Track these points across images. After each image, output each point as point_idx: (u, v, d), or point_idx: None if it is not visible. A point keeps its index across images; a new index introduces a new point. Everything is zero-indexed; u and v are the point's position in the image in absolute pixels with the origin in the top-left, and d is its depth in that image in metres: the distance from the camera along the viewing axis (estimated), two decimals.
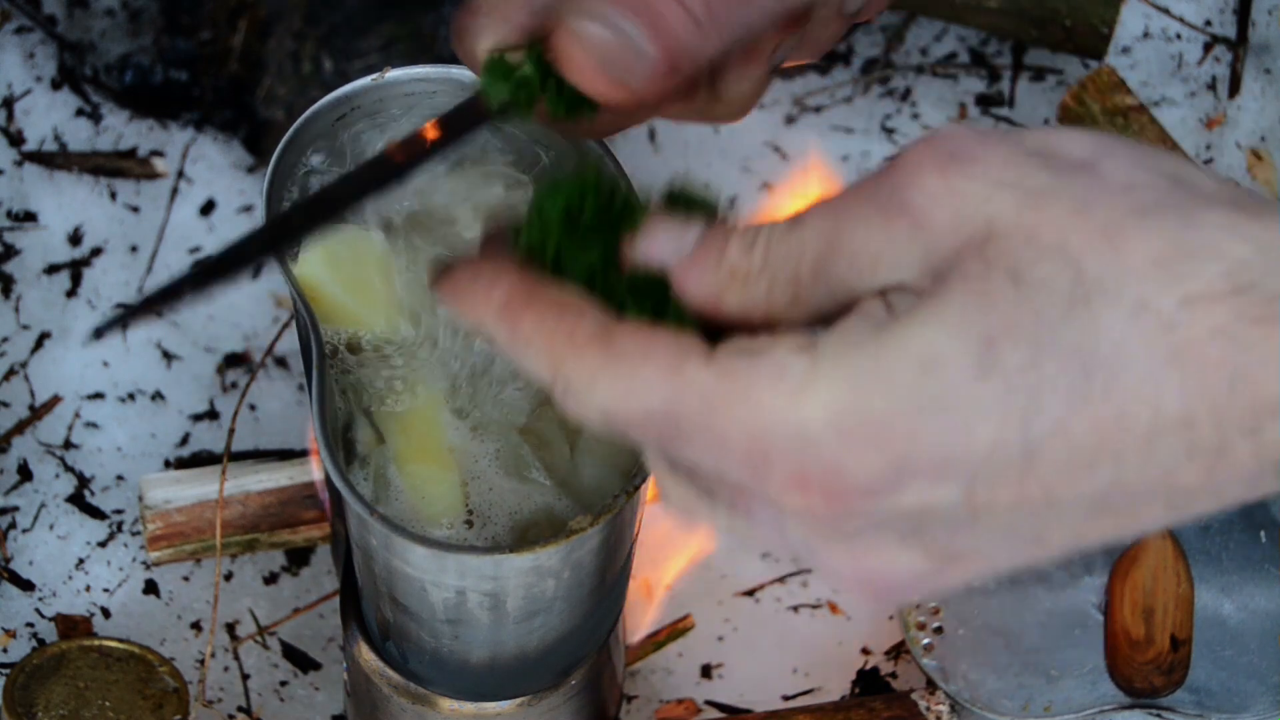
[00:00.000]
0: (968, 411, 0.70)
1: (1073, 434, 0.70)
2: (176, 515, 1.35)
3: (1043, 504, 0.72)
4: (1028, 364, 0.70)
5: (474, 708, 1.16)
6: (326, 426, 1.00)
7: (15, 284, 1.47)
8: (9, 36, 1.54)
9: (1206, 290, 0.69)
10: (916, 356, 0.71)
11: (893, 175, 0.73)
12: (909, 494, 0.72)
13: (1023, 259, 0.70)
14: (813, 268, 0.74)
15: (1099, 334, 0.70)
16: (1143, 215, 0.70)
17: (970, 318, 0.70)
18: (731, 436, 0.73)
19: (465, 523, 1.04)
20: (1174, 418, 0.70)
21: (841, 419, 0.71)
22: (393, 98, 1.05)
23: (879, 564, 0.75)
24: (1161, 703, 1.30)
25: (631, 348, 0.75)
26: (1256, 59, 1.54)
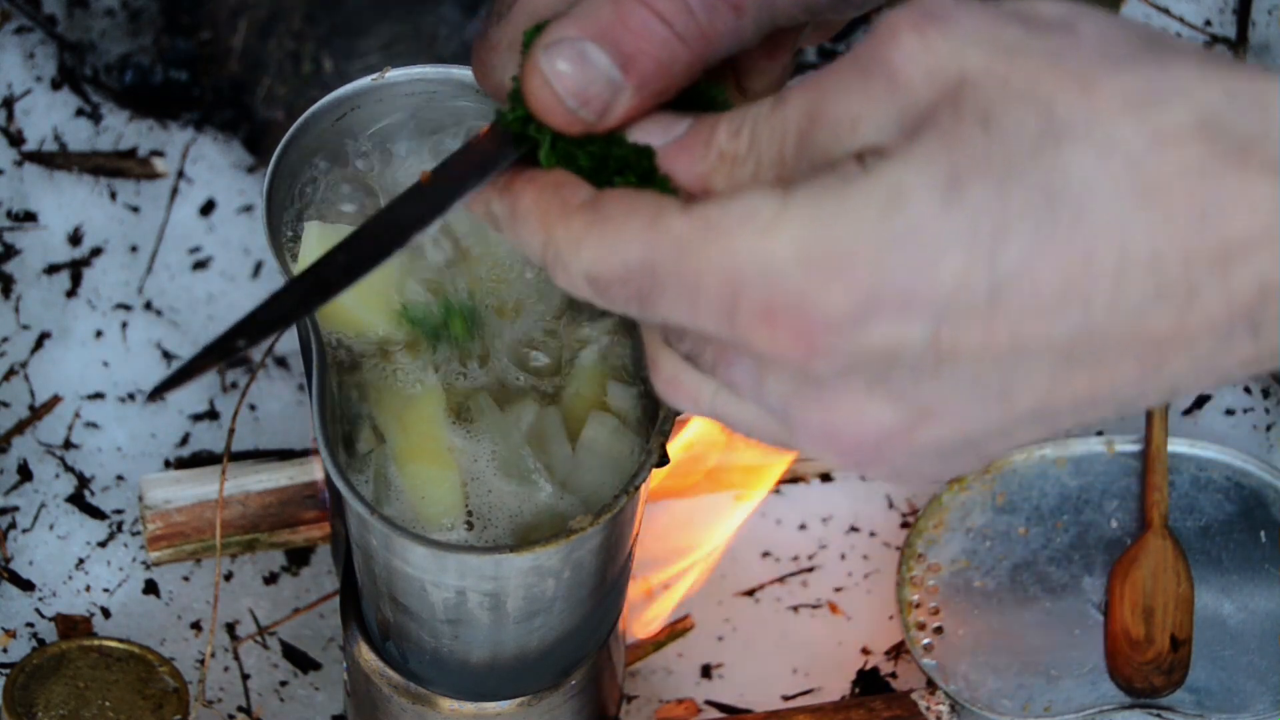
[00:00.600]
0: (933, 243, 0.71)
1: (1039, 272, 0.70)
2: (176, 515, 1.35)
3: (1009, 351, 0.72)
4: (993, 198, 0.70)
5: (474, 708, 1.16)
6: (326, 426, 1.00)
7: (15, 284, 1.47)
8: (9, 36, 1.54)
9: (1176, 129, 0.70)
10: (883, 192, 0.71)
11: (871, 39, 0.74)
12: (875, 330, 0.72)
13: (993, 102, 0.71)
14: (796, 142, 0.75)
15: (1067, 171, 0.70)
16: (1115, 63, 0.71)
17: (936, 156, 0.71)
18: (703, 277, 0.74)
19: (465, 523, 1.04)
20: (1142, 256, 0.70)
21: (808, 252, 0.72)
22: (393, 98, 1.05)
23: (850, 415, 0.75)
24: (1161, 703, 1.30)
25: (615, 209, 0.77)
26: (1256, 59, 1.54)
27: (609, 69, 0.80)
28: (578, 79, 0.80)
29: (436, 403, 1.05)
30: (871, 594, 1.39)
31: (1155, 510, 1.36)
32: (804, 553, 1.41)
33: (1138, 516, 1.37)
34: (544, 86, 0.80)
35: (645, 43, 0.80)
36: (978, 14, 0.73)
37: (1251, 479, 1.38)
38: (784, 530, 1.42)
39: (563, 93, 0.80)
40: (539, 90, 0.80)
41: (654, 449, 1.01)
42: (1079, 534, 1.37)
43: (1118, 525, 1.38)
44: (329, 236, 1.03)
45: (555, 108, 0.80)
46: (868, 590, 1.39)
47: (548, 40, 0.80)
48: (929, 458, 0.77)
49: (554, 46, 0.80)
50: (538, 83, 0.80)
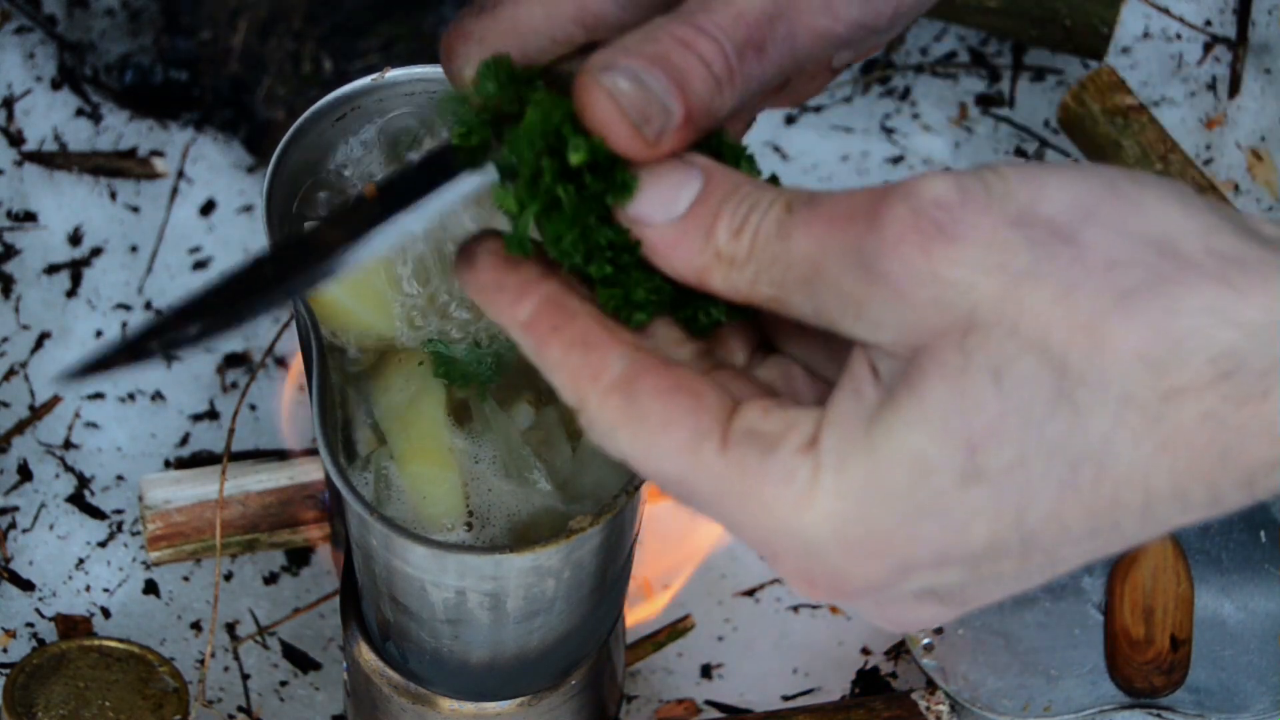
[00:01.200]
0: (959, 517, 0.72)
1: (1067, 521, 0.72)
2: (176, 515, 1.35)
3: (1048, 564, 0.74)
4: (1014, 464, 0.71)
5: (474, 708, 1.16)
6: (326, 426, 1.00)
7: (15, 284, 1.47)
8: (9, 36, 1.54)
9: (1193, 381, 0.70)
10: (905, 465, 0.72)
11: (877, 234, 0.73)
12: (914, 582, 0.75)
13: (1004, 355, 0.71)
14: (799, 284, 0.75)
15: (1085, 431, 0.70)
16: (1126, 303, 0.70)
17: (951, 421, 0.71)
18: (743, 525, 0.76)
19: (465, 523, 1.04)
20: (1166, 493, 0.71)
21: (842, 531, 0.74)
22: (393, 98, 1.05)
23: (900, 614, 0.78)
24: (1161, 703, 1.30)
25: (652, 412, 0.76)
26: (1256, 59, 1.54)
27: (665, 94, 0.78)
28: (638, 98, 0.78)
29: (437, 403, 1.05)
30: None
31: None
32: None
33: None
34: (607, 100, 0.78)
35: (691, 79, 0.79)
36: (986, 233, 0.72)
37: None
38: None
39: (627, 108, 0.78)
40: (602, 104, 0.78)
41: None
42: None
43: None
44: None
45: (618, 121, 0.78)
46: None
47: (602, 64, 0.79)
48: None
49: (611, 69, 0.78)
50: (599, 97, 0.78)
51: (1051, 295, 0.71)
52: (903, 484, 0.72)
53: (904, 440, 0.72)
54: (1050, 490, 0.71)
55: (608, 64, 0.79)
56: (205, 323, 0.80)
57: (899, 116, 1.56)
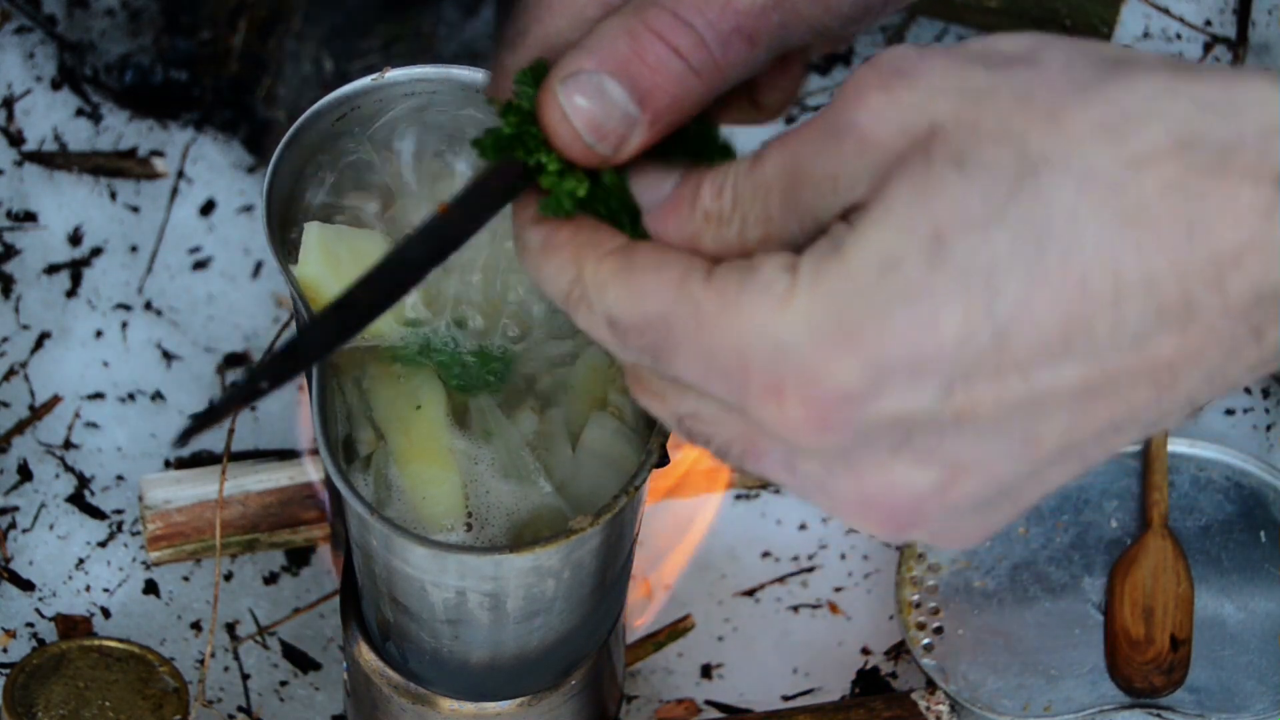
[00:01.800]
0: (929, 304, 0.71)
1: (1038, 309, 0.71)
2: (176, 515, 1.35)
3: (1026, 396, 0.72)
4: (979, 246, 0.71)
5: (474, 708, 1.16)
6: (326, 426, 1.00)
7: (15, 284, 1.47)
8: (9, 36, 1.54)
9: (1152, 149, 0.70)
10: (874, 259, 0.72)
11: (839, 100, 0.75)
12: (887, 398, 0.73)
13: (966, 145, 0.71)
14: (780, 201, 0.76)
15: (1049, 205, 0.70)
16: (1083, 90, 0.71)
17: (915, 210, 0.72)
18: (716, 347, 0.75)
19: (465, 524, 1.04)
20: (1136, 278, 0.70)
21: (815, 327, 0.73)
22: (393, 98, 1.05)
23: (881, 482, 0.76)
24: (1161, 703, 1.30)
25: (646, 260, 0.78)
26: (1256, 59, 1.54)
27: (625, 103, 0.80)
28: (594, 113, 0.81)
29: (437, 403, 1.05)
30: (871, 594, 1.39)
31: (1155, 510, 1.36)
32: (804, 553, 1.41)
33: (1138, 516, 1.37)
34: (562, 121, 0.81)
35: (661, 77, 0.81)
36: (941, 63, 0.74)
37: (1251, 479, 1.38)
38: (784, 530, 1.42)
39: (580, 127, 0.81)
40: (557, 124, 0.81)
41: (654, 449, 1.01)
42: (1079, 534, 1.37)
43: (1118, 525, 1.38)
44: (329, 236, 1.03)
45: (573, 142, 0.81)
46: (868, 590, 1.39)
47: (565, 72, 0.81)
48: (966, 514, 0.77)
49: (571, 80, 0.81)
50: (555, 116, 0.81)
51: (1010, 98, 0.72)
52: (873, 278, 0.72)
53: (872, 239, 0.72)
54: (1018, 271, 0.71)
55: (569, 72, 0.81)
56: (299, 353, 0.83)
57: None
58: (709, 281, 0.76)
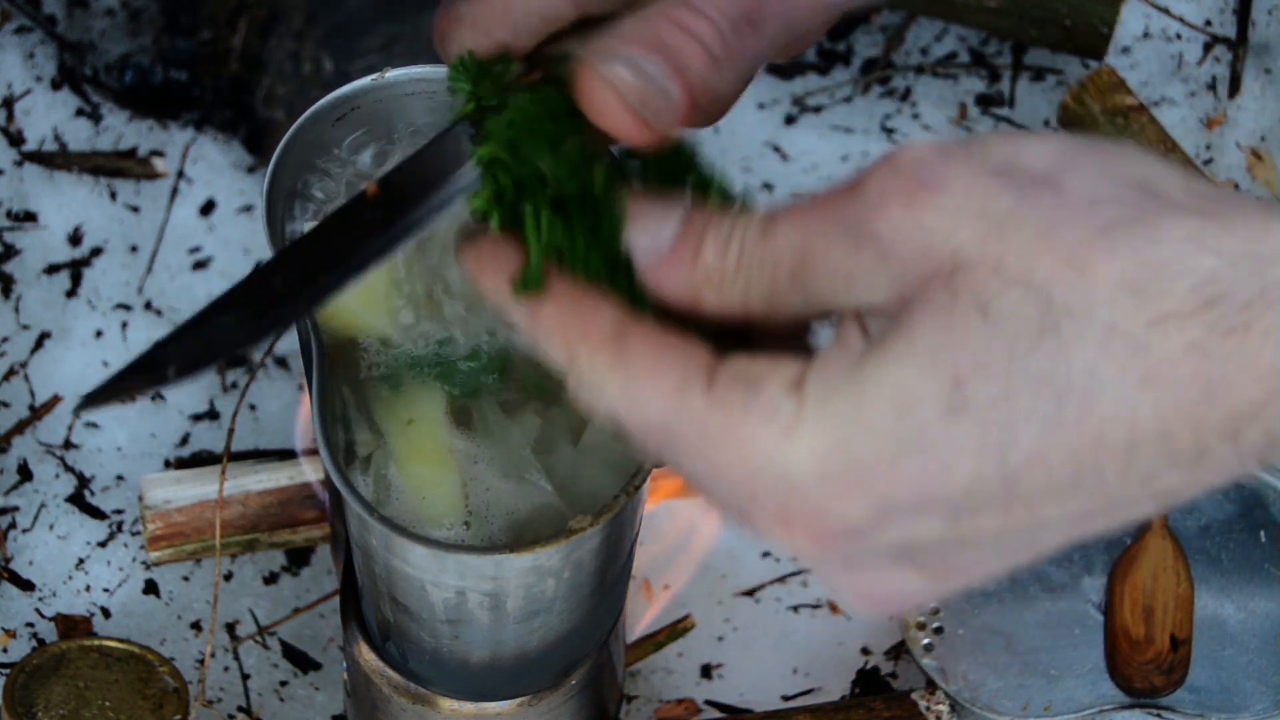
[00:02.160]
0: (943, 452, 0.72)
1: (1050, 461, 0.71)
2: (176, 515, 1.35)
3: (1029, 523, 0.73)
4: (999, 398, 0.71)
5: (474, 708, 1.16)
6: (326, 427, 1.00)
7: (15, 284, 1.47)
8: (9, 36, 1.54)
9: (1176, 308, 0.70)
10: (890, 399, 0.72)
11: (860, 200, 0.74)
12: (893, 531, 0.74)
13: (989, 290, 0.71)
14: (789, 278, 0.76)
15: (1070, 362, 0.70)
16: (1108, 235, 0.71)
17: (939, 355, 0.71)
18: (723, 468, 0.75)
19: (464, 523, 1.04)
20: (1151, 433, 0.71)
21: (824, 465, 0.73)
22: (393, 98, 1.05)
23: (878, 585, 0.77)
24: (1161, 703, 1.30)
25: (641, 358, 0.77)
26: (1256, 59, 1.54)
27: (664, 79, 0.80)
28: (634, 85, 0.80)
29: (436, 403, 1.04)
30: None
31: None
32: None
33: None
34: (608, 90, 0.80)
35: (689, 59, 0.81)
36: (966, 181, 0.73)
37: (1251, 479, 1.38)
38: None
39: (628, 95, 0.80)
40: (603, 95, 0.80)
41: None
42: None
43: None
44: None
45: (620, 112, 0.80)
46: None
47: (601, 53, 0.80)
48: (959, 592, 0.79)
49: (610, 58, 0.80)
50: (600, 87, 0.80)
51: (1034, 233, 0.71)
52: (887, 418, 0.72)
53: (890, 375, 0.72)
54: (1035, 424, 0.71)
55: (607, 53, 0.80)
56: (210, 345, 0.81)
57: (899, 117, 1.56)
58: (710, 394, 0.75)
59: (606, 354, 0.78)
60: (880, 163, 0.74)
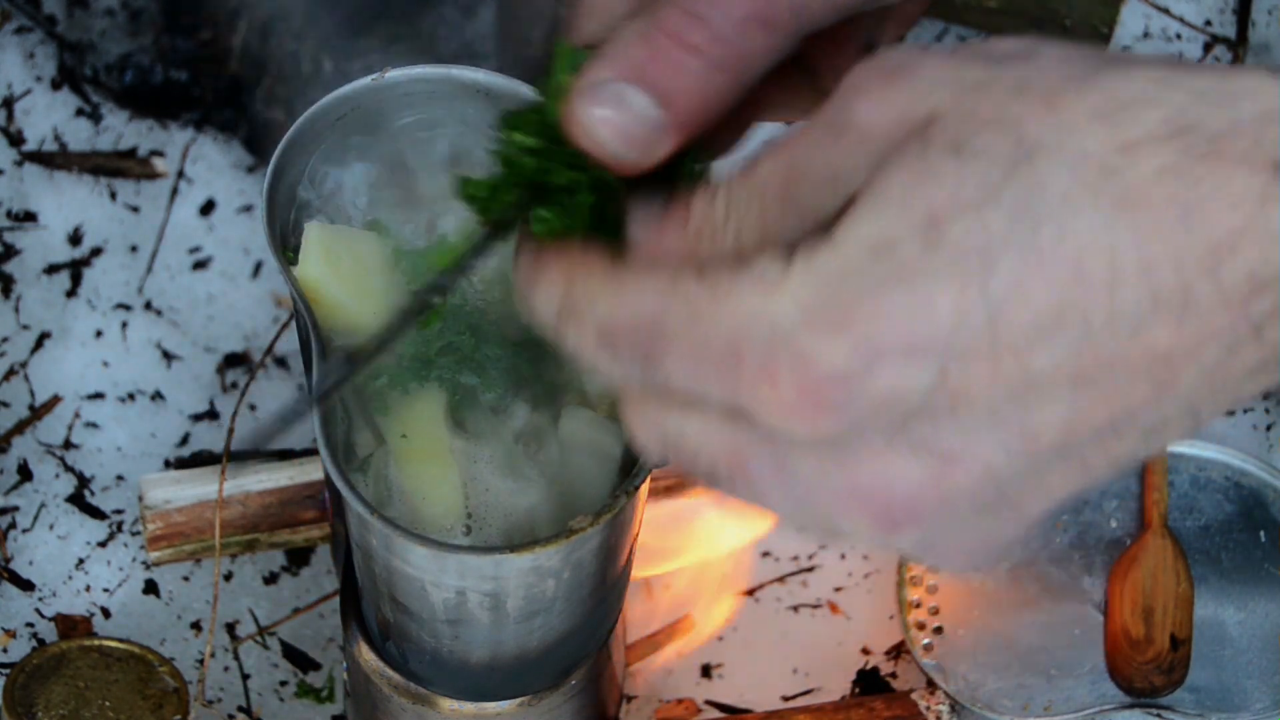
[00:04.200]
0: (923, 284, 0.71)
1: (1032, 293, 0.71)
2: (176, 515, 1.35)
3: (1020, 380, 0.72)
4: (974, 228, 0.71)
5: (474, 708, 1.16)
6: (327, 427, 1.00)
7: (15, 284, 1.47)
8: (9, 36, 1.54)
9: (1148, 134, 0.70)
10: (867, 241, 0.72)
11: (837, 97, 0.75)
12: (881, 378, 0.72)
13: (962, 132, 0.72)
14: (777, 203, 0.76)
15: (1044, 188, 0.70)
16: (1080, 80, 0.72)
17: (912, 194, 0.72)
18: (708, 338, 0.74)
19: (465, 524, 1.04)
20: (1131, 263, 0.70)
21: (807, 309, 0.72)
22: (393, 98, 1.05)
23: (874, 475, 0.74)
24: (1161, 703, 1.30)
25: (634, 268, 0.78)
26: (1256, 59, 1.54)
27: (648, 109, 0.80)
28: (619, 122, 0.81)
29: (436, 403, 1.05)
30: (871, 594, 1.39)
31: (1155, 510, 1.36)
32: (804, 552, 1.41)
33: (1138, 516, 1.37)
34: (585, 135, 0.81)
35: (683, 78, 0.81)
36: (940, 59, 0.74)
37: (1251, 479, 1.38)
38: (784, 530, 1.42)
39: (606, 138, 0.81)
40: (582, 138, 0.81)
41: None
42: (1079, 534, 1.37)
43: (1118, 525, 1.38)
44: (329, 237, 1.03)
45: (606, 152, 0.81)
46: (868, 590, 1.39)
47: (584, 85, 0.81)
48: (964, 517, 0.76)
49: (590, 92, 0.81)
50: (579, 131, 0.81)
51: (1009, 87, 0.72)
52: (866, 259, 0.72)
53: (866, 222, 0.72)
54: (1012, 251, 0.70)
55: (592, 84, 0.81)
56: None
57: None
58: (701, 277, 0.75)
59: (604, 271, 0.79)
60: (856, 66, 0.75)
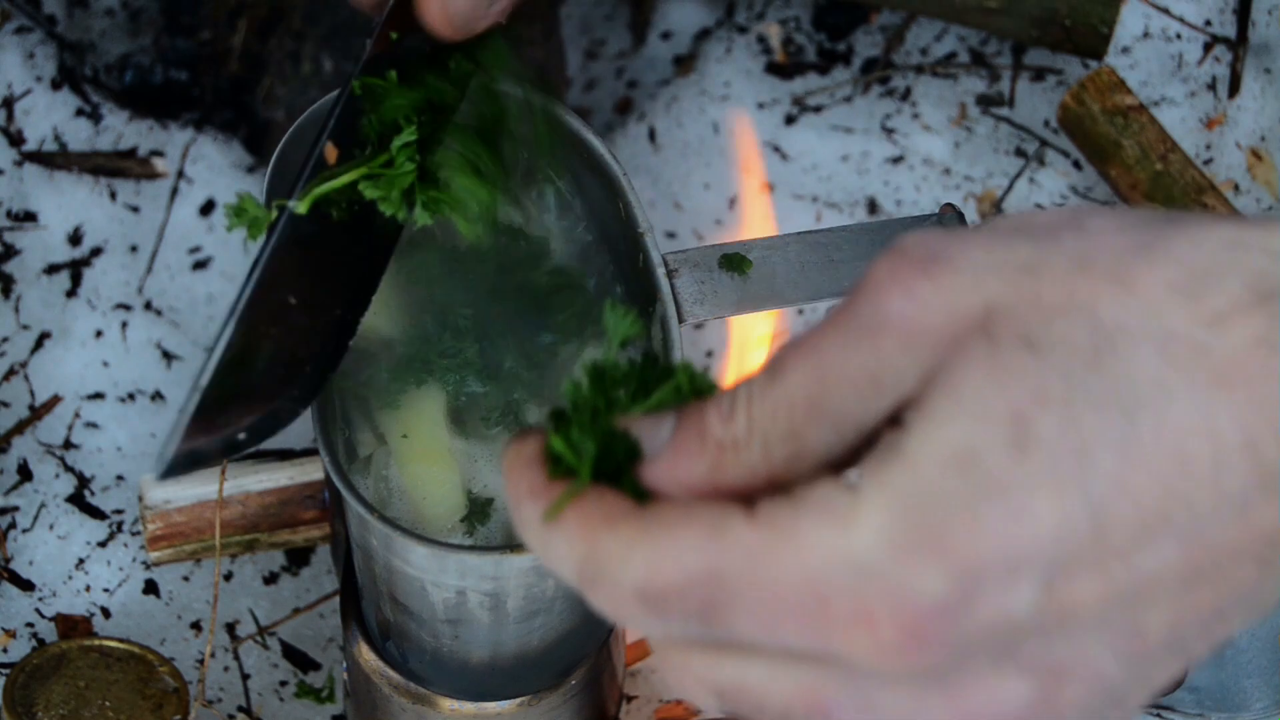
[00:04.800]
0: (1018, 494, 0.65)
1: (1135, 486, 0.66)
2: (176, 515, 1.35)
3: (1128, 583, 0.67)
4: (1066, 425, 0.65)
5: (474, 708, 1.16)
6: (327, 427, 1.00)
7: (15, 284, 1.47)
8: (9, 36, 1.54)
9: (1232, 304, 0.66)
10: (947, 454, 0.66)
11: (867, 294, 0.69)
12: (985, 604, 0.66)
13: (1032, 324, 0.66)
14: (807, 412, 0.69)
15: (1133, 376, 0.66)
16: (1145, 249, 0.67)
17: (990, 398, 0.66)
18: (783, 585, 0.67)
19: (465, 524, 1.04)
20: (1235, 443, 0.66)
21: (894, 539, 0.66)
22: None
23: (982, 702, 0.68)
24: (1161, 702, 1.30)
25: (669, 515, 0.69)
26: (1256, 59, 1.54)
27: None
28: None
29: (437, 404, 1.05)
30: None
31: None
32: None
33: None
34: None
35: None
36: (978, 242, 0.68)
37: None
38: None
39: None
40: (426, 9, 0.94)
41: None
42: None
43: None
44: None
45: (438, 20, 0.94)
46: None
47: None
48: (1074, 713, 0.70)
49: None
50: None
51: (1067, 264, 0.67)
52: (951, 476, 0.65)
53: (941, 433, 0.66)
54: (1111, 447, 0.65)
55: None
56: None
57: (899, 116, 1.56)
58: (753, 520, 0.68)
59: (629, 525, 0.70)
60: (879, 257, 0.69)
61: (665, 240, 1.49)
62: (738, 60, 1.58)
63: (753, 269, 1.04)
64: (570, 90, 1.60)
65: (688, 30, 1.63)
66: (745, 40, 1.59)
